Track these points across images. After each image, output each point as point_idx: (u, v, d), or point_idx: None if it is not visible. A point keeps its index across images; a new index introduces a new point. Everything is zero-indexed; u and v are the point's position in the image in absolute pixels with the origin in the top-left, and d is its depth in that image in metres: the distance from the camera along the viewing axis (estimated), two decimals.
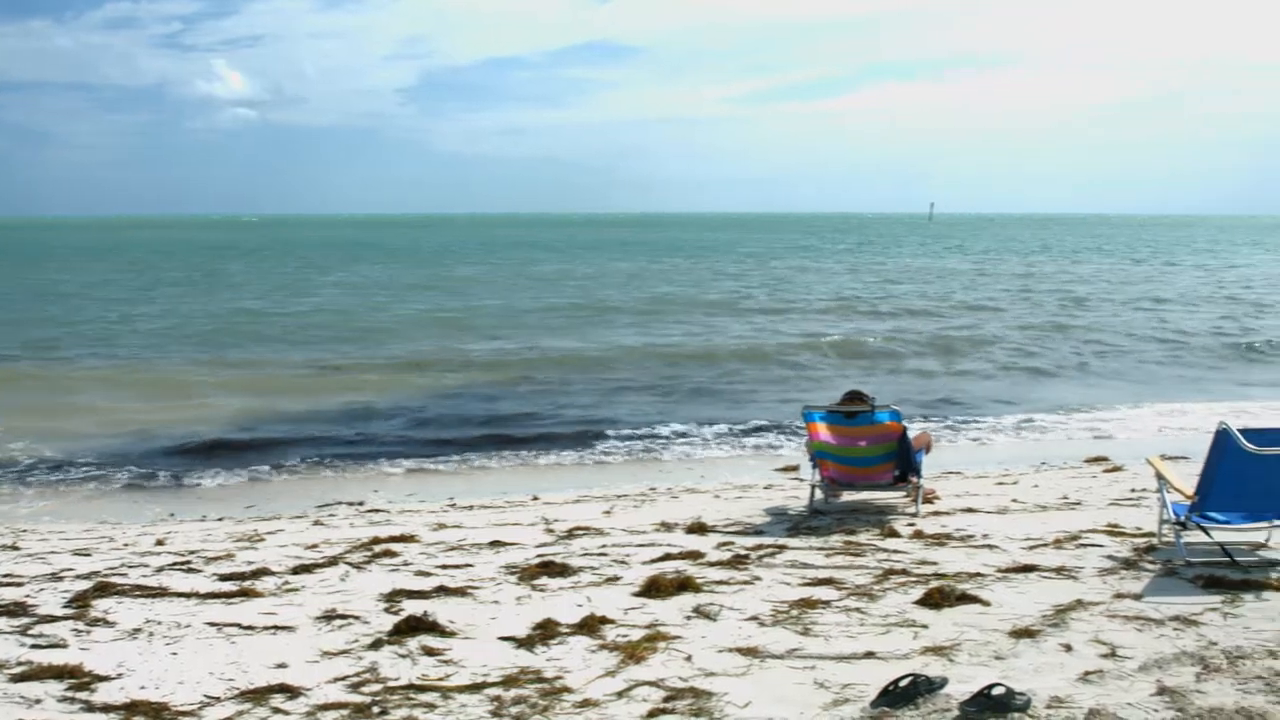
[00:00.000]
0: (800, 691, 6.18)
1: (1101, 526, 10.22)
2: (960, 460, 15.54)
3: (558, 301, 43.55)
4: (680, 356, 28.00)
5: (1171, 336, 33.07)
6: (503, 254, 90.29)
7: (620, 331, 33.35)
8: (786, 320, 37.22)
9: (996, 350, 29.86)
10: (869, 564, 9.01)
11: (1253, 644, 6.85)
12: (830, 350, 29.45)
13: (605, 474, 15.62)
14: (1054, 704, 5.87)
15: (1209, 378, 25.84)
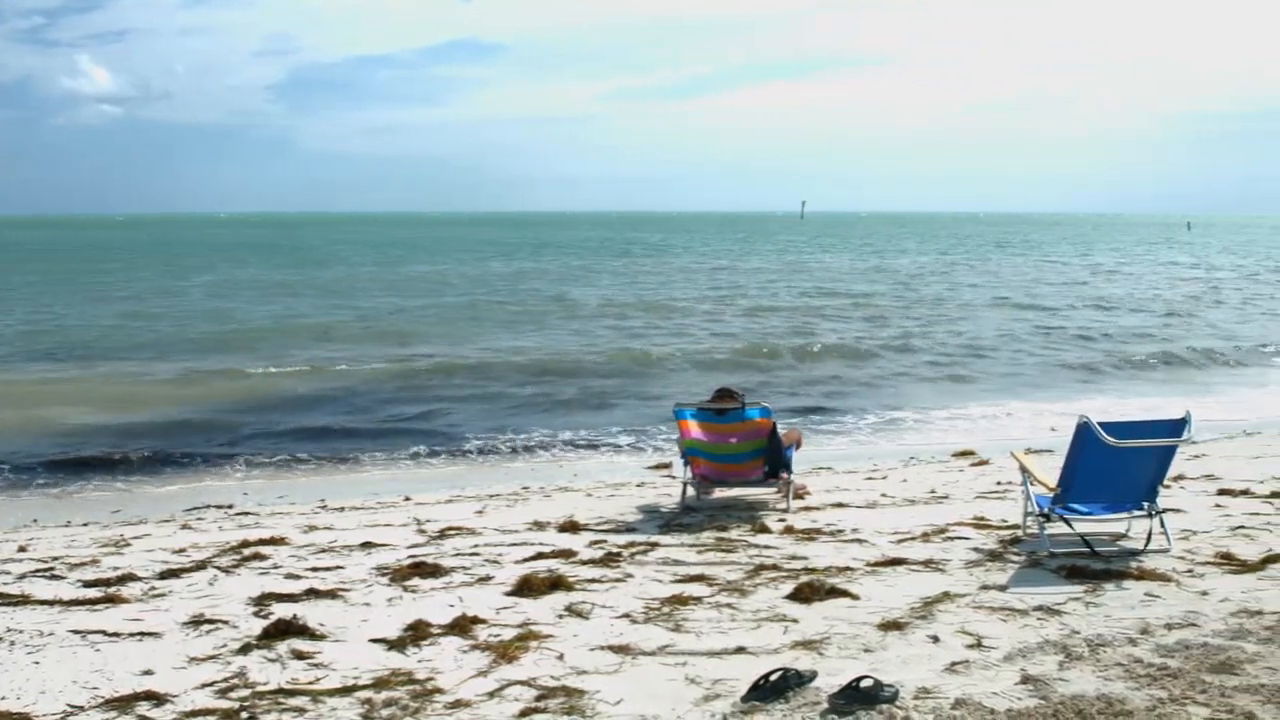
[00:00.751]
0: (672, 688, 6.19)
1: (968, 520, 10.39)
2: (831, 456, 15.71)
3: (434, 302, 43.24)
4: (554, 358, 27.95)
5: (1033, 334, 33.70)
6: (375, 253, 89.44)
7: (495, 334, 33.18)
8: (661, 319, 37.32)
9: (867, 347, 30.20)
10: (740, 560, 9.06)
11: (1113, 632, 7.01)
12: (702, 347, 29.59)
13: (478, 474, 15.56)
14: (921, 695, 5.96)
15: (1071, 373, 26.34)
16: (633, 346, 30.24)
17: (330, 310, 39.50)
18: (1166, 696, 5.89)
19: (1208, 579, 8.24)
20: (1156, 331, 34.72)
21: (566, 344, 31.02)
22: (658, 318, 37.89)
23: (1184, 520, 10.09)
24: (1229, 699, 5.86)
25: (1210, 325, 36.68)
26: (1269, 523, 10.07)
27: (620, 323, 36.65)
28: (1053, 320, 37.42)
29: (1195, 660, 6.45)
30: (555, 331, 34.14)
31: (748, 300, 44.77)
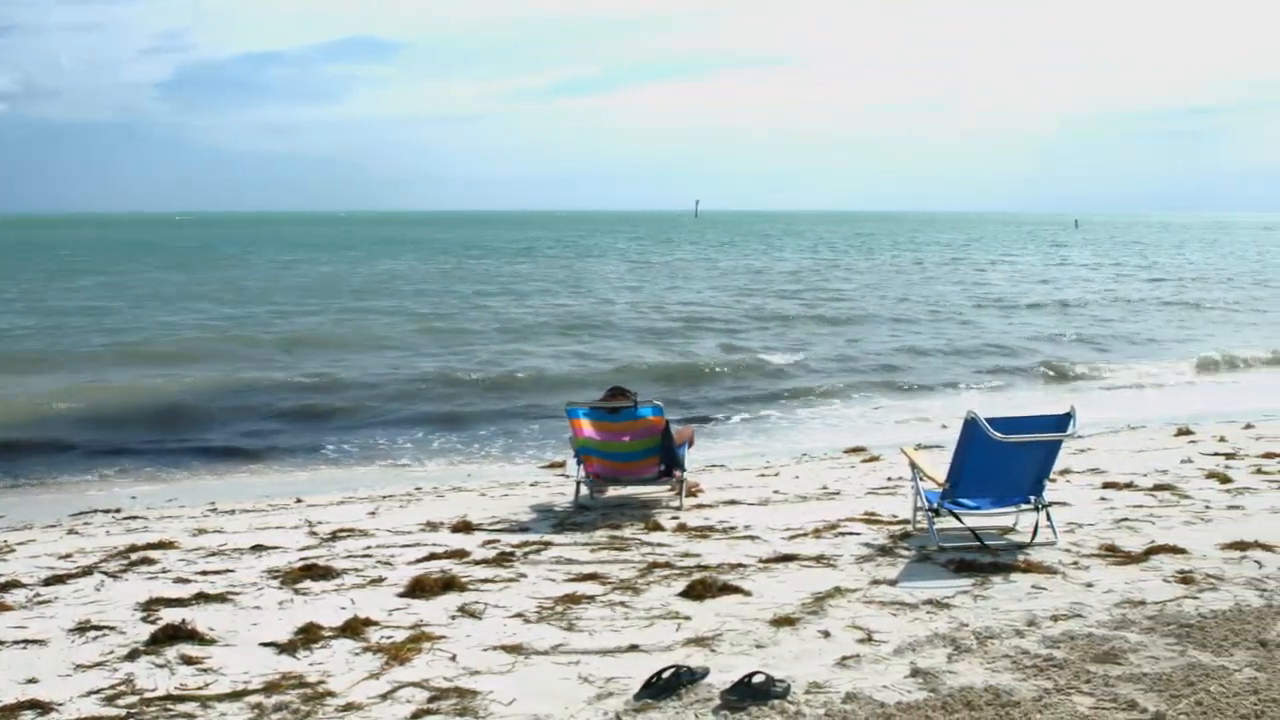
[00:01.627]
0: (565, 686, 6.20)
1: (859, 515, 10.49)
2: (724, 454, 15.77)
3: (328, 303, 42.82)
4: (450, 355, 27.80)
5: (919, 331, 34.10)
6: (271, 254, 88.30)
7: (390, 333, 32.90)
8: (557, 316, 37.24)
9: (763, 344, 30.36)
10: (633, 558, 9.07)
11: (1001, 624, 7.12)
12: (598, 345, 29.60)
13: (371, 475, 15.43)
14: (813, 689, 6.01)
15: (960, 368, 26.66)
16: (530, 342, 30.20)
17: (221, 314, 38.88)
18: (1052, 687, 6.00)
19: (1092, 571, 8.41)
20: (1039, 327, 35.28)
21: (465, 339, 30.90)
22: (557, 314, 37.77)
23: (1070, 513, 10.27)
24: (1113, 688, 5.98)
25: (1093, 321, 37.32)
26: (1152, 515, 10.28)
27: (525, 316, 36.55)
28: (936, 318, 37.85)
29: (1080, 651, 6.58)
30: (446, 333, 33.97)
31: (649, 297, 44.79)
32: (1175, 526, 9.84)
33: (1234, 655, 6.52)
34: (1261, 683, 6.06)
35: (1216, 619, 7.18)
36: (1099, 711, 5.70)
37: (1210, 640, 6.77)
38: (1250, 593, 7.78)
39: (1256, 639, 6.77)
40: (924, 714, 5.68)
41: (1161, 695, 5.89)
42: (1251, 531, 9.44)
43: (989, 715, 5.64)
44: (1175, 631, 6.94)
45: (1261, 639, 6.77)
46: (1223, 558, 8.71)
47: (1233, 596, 7.69)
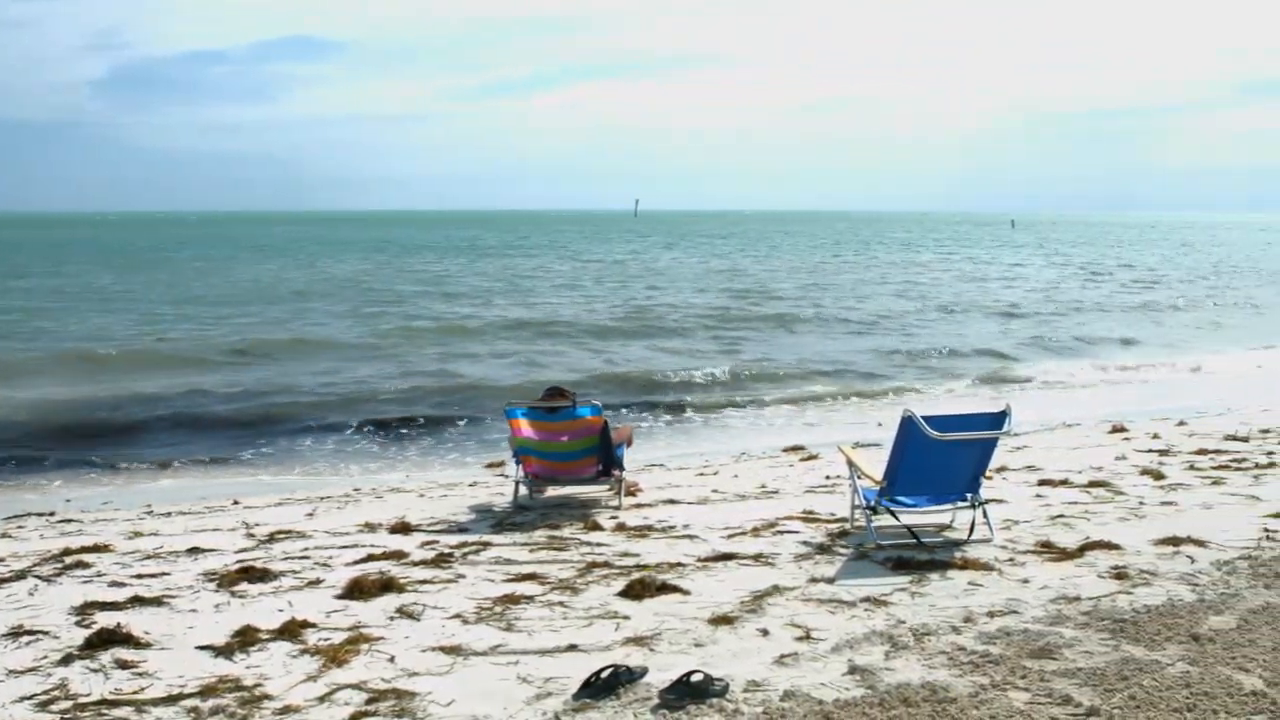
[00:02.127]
0: (503, 687, 6.18)
1: (798, 514, 10.52)
2: (663, 453, 15.78)
3: (268, 306, 42.50)
4: (389, 356, 27.66)
5: (856, 329, 34.30)
6: (210, 254, 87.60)
7: (330, 335, 32.66)
8: (498, 316, 37.14)
9: (696, 342, 30.43)
10: (572, 558, 9.07)
11: (938, 621, 7.17)
12: (540, 345, 29.56)
13: (310, 476, 15.33)
14: (751, 687, 6.03)
15: (898, 367, 26.82)
16: (471, 343, 30.10)
17: (157, 316, 38.51)
18: (989, 683, 6.05)
19: (1028, 567, 8.48)
20: (976, 326, 35.60)
21: (405, 339, 30.76)
22: (493, 313, 37.68)
23: (1006, 510, 10.36)
24: (1048, 683, 6.03)
25: (1030, 320, 37.63)
26: (1087, 511, 10.39)
27: (464, 314, 36.41)
28: (874, 317, 38.03)
29: (1016, 646, 6.63)
30: (385, 334, 33.80)
31: (589, 296, 44.77)
32: (1110, 523, 9.94)
33: (1167, 650, 6.59)
34: (1194, 676, 6.12)
35: (1150, 614, 7.26)
36: (1034, 707, 5.74)
37: (1144, 635, 6.84)
38: (1183, 588, 7.88)
39: (1189, 633, 6.85)
40: (861, 711, 5.70)
41: (1096, 690, 5.95)
42: (1184, 527, 9.56)
43: (926, 712, 5.67)
44: (1109, 627, 7.01)
45: (1194, 633, 6.85)
46: (1156, 553, 8.82)
47: (1166, 592, 7.78)
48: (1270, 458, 13.19)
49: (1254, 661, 6.38)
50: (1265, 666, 6.30)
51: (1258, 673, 6.21)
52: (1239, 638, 6.79)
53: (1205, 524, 9.73)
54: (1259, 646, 6.63)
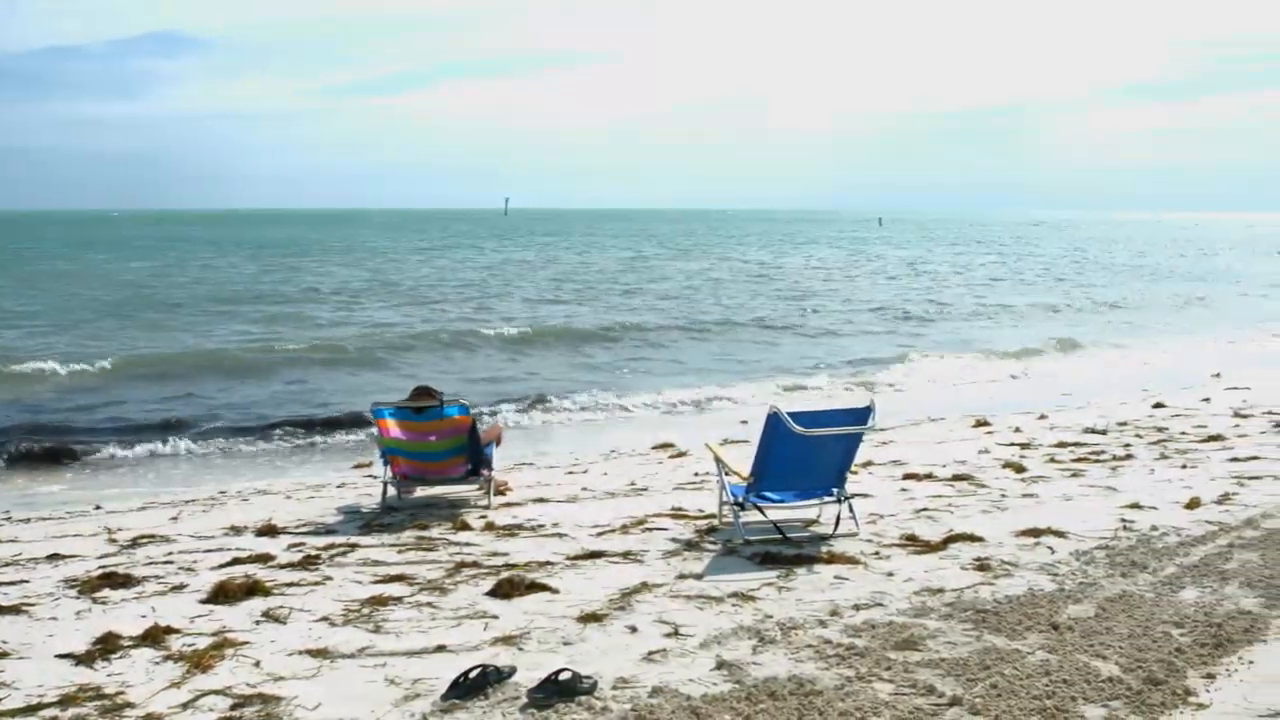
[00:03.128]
0: (371, 689, 6.14)
1: (666, 511, 10.57)
2: (531, 451, 15.74)
3: (131, 297, 41.66)
4: (252, 355, 27.21)
5: (735, 327, 34.48)
6: (74, 254, 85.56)
7: (184, 334, 32.10)
8: (369, 316, 36.78)
9: (566, 340, 30.39)
10: (441, 558, 9.01)
11: (804, 615, 7.25)
12: (406, 346, 29.29)
13: (173, 480, 15.02)
14: (619, 684, 6.04)
15: (767, 364, 26.98)
16: (341, 342, 29.69)
17: (11, 315, 37.59)
18: (854, 675, 6.12)
19: (893, 560, 8.61)
20: (844, 321, 36.01)
21: (269, 339, 30.25)
22: (366, 312, 37.32)
23: (872, 504, 10.51)
24: (912, 674, 6.13)
25: (896, 316, 38.13)
26: (951, 504, 10.57)
27: (335, 315, 36.00)
28: (745, 315, 38.25)
29: (881, 638, 6.73)
30: (262, 325, 33.35)
31: (464, 296, 44.46)
32: (973, 515, 10.12)
33: (1027, 639, 6.72)
34: (1053, 664, 6.26)
35: (1011, 604, 7.41)
36: (898, 697, 5.83)
37: (1005, 625, 6.97)
38: (1043, 578, 8.05)
39: (1049, 622, 7.00)
40: (729, 705, 5.74)
41: (958, 680, 6.05)
42: (1045, 518, 9.78)
43: (792, 705, 5.73)
44: (972, 617, 7.13)
45: (1053, 622, 7.00)
46: (1017, 544, 9.00)
47: (1026, 582, 7.94)
48: (1127, 450, 13.51)
49: (1111, 649, 6.54)
50: (1121, 653, 6.46)
51: (1114, 659, 6.37)
52: (1097, 626, 6.95)
53: (1065, 515, 9.96)
54: (1115, 634, 6.79)
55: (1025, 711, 5.67)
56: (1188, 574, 8.10)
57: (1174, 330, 34.46)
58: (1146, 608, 7.31)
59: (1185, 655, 6.45)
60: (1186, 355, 27.79)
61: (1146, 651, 6.49)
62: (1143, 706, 5.75)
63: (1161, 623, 7.00)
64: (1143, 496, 10.71)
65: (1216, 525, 9.56)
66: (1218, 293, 50.26)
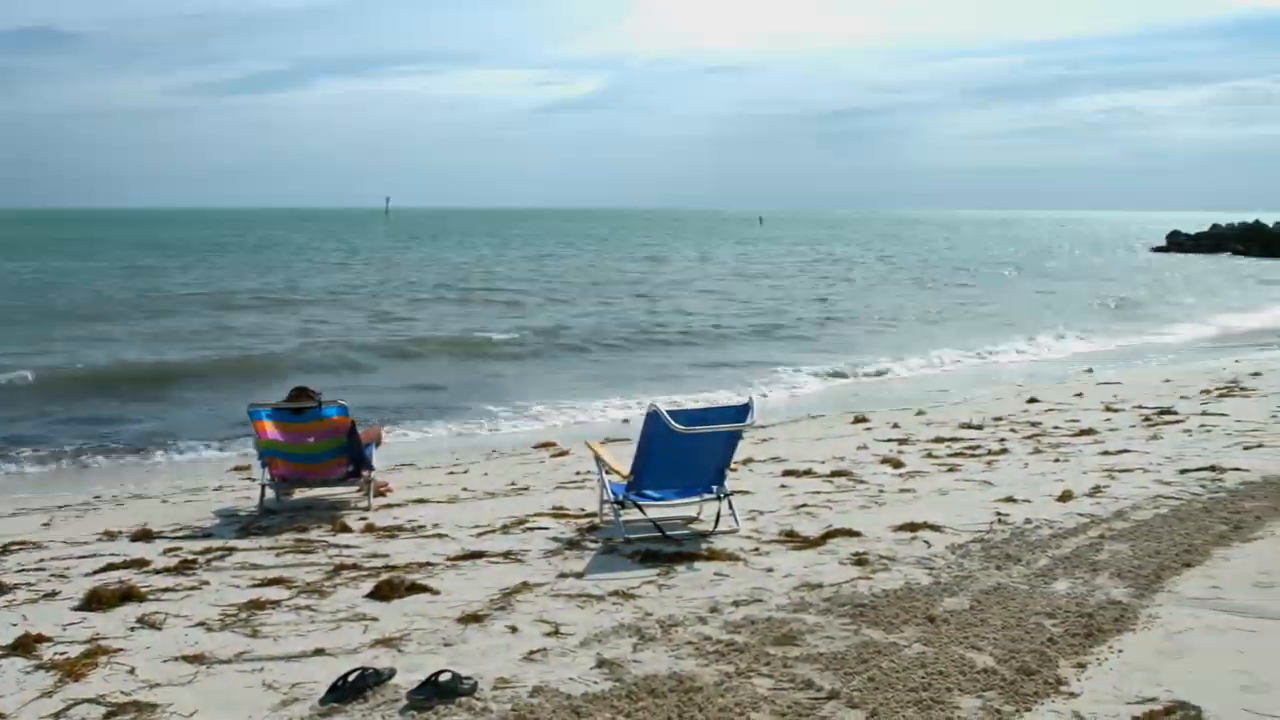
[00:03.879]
0: (249, 695, 6.05)
1: (547, 510, 10.56)
2: (412, 452, 15.65)
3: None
4: (126, 357, 26.73)
5: (600, 325, 34.52)
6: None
7: (60, 333, 31.43)
8: (251, 317, 36.28)
9: (447, 341, 30.22)
10: (320, 560, 8.92)
11: (684, 612, 7.27)
12: (283, 347, 28.96)
13: (45, 484, 14.71)
14: (500, 685, 6.02)
15: (646, 362, 27.06)
16: (223, 345, 29.25)
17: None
18: (734, 670, 6.16)
19: (773, 556, 8.67)
20: (723, 319, 36.21)
21: (142, 338, 29.78)
22: (243, 314, 36.80)
23: (751, 501, 10.58)
24: (791, 669, 6.18)
25: (777, 315, 38.44)
26: (829, 500, 10.67)
27: (210, 315, 35.46)
28: (628, 313, 38.38)
29: (760, 634, 6.77)
30: (122, 335, 32.70)
31: (324, 295, 44.04)
32: (851, 511, 10.23)
33: (904, 632, 6.81)
34: (929, 657, 6.35)
35: (888, 598, 7.49)
36: (778, 692, 5.87)
37: (882, 618, 7.05)
38: (920, 571, 8.15)
39: (925, 615, 7.10)
40: (609, 704, 5.75)
41: (837, 674, 6.11)
42: (921, 513, 9.92)
43: (672, 702, 5.75)
44: (850, 611, 7.21)
45: (929, 615, 7.10)
46: (894, 539, 9.11)
47: (903, 576, 8.04)
48: (1002, 444, 13.74)
49: (985, 640, 6.64)
50: (996, 645, 6.56)
51: (989, 651, 6.46)
52: (971, 618, 7.06)
53: (941, 510, 10.11)
54: (990, 626, 6.90)
55: (902, 703, 5.74)
56: (1060, 566, 8.25)
57: (1044, 328, 35.07)
58: (1020, 599, 7.44)
59: (1057, 645, 6.57)
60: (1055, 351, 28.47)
61: (1020, 642, 6.60)
62: (1016, 696, 5.85)
63: (1035, 614, 7.13)
64: (1017, 490, 10.90)
65: (1088, 517, 9.74)
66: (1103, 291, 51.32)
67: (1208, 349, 28.50)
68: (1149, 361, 26.01)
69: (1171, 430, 14.44)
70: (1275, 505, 10.08)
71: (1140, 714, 5.63)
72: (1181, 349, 28.81)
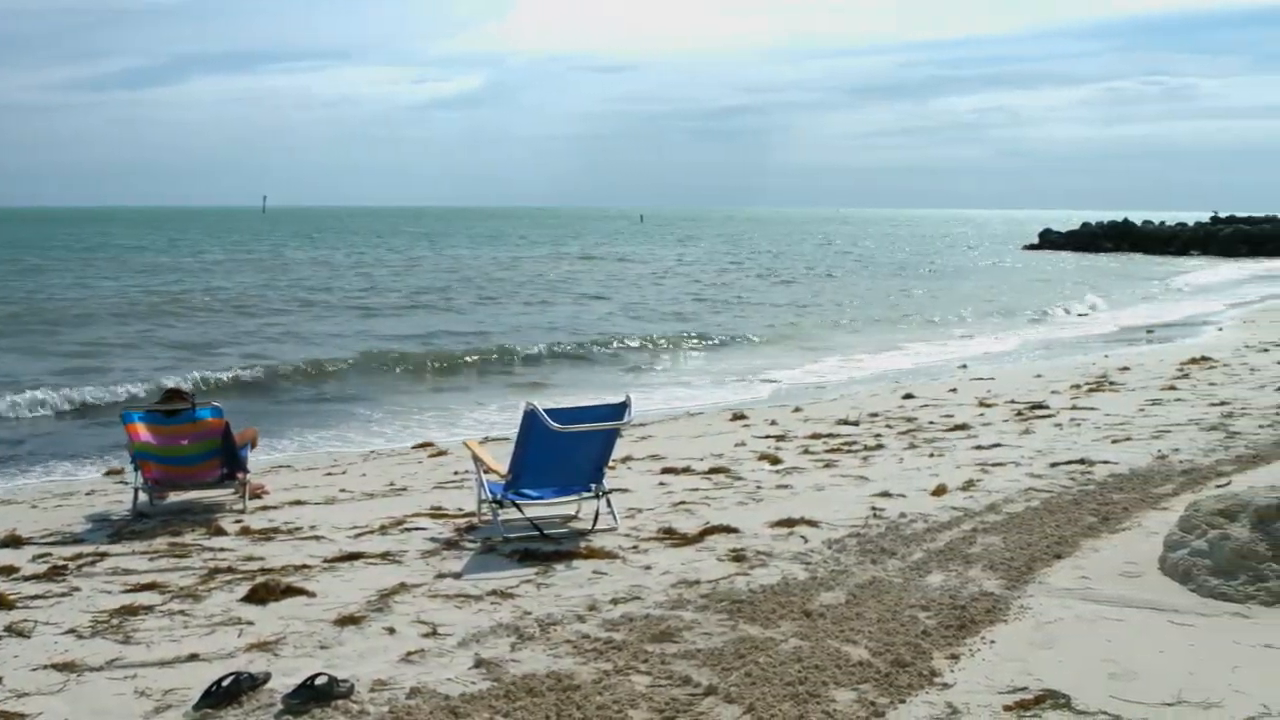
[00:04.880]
0: (120, 702, 5.96)
1: (425, 510, 10.50)
2: (289, 454, 15.49)
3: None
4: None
5: (509, 325, 34.42)
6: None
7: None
8: (120, 316, 35.60)
9: (312, 340, 29.95)
10: (194, 564, 8.80)
11: (563, 610, 7.29)
12: (166, 344, 28.52)
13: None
14: (377, 687, 5.99)
15: (527, 364, 27.01)
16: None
17: None
18: (612, 668, 6.18)
19: (651, 554, 8.71)
20: (608, 318, 36.28)
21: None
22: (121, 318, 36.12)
23: (630, 499, 10.61)
24: (668, 665, 6.21)
25: (659, 314, 38.58)
26: (707, 497, 10.74)
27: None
28: (510, 313, 38.32)
29: (638, 632, 6.80)
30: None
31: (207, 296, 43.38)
32: (729, 507, 10.31)
33: (781, 626, 6.88)
34: (805, 651, 6.42)
35: (765, 593, 7.56)
36: (655, 689, 5.90)
37: (759, 614, 7.12)
38: (796, 566, 8.24)
39: (801, 610, 7.17)
40: (487, 704, 5.74)
41: (714, 669, 6.16)
42: (798, 509, 10.00)
43: (551, 701, 5.75)
44: (727, 607, 7.26)
45: (806, 610, 7.18)
46: (772, 535, 9.19)
47: (780, 571, 8.12)
48: (878, 440, 13.91)
49: (861, 634, 6.73)
50: (871, 638, 6.65)
51: (864, 644, 6.55)
52: (847, 612, 7.15)
53: (818, 505, 10.21)
54: (865, 619, 6.99)
55: (778, 698, 5.79)
56: (934, 559, 8.38)
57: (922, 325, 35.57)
58: (895, 593, 7.55)
59: (931, 637, 6.67)
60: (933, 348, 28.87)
61: (894, 635, 6.69)
62: (891, 688, 5.93)
63: (909, 607, 7.23)
64: (892, 485, 11.04)
65: (961, 511, 9.91)
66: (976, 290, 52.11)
67: (1079, 344, 29.01)
68: (1020, 358, 26.44)
69: (1043, 425, 14.71)
70: (1142, 497, 10.32)
71: (1011, 703, 5.74)
72: (1054, 345, 29.30)
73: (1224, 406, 15.49)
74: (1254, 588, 7.38)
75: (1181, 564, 7.80)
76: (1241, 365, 20.58)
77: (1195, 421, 14.32)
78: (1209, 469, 11.47)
